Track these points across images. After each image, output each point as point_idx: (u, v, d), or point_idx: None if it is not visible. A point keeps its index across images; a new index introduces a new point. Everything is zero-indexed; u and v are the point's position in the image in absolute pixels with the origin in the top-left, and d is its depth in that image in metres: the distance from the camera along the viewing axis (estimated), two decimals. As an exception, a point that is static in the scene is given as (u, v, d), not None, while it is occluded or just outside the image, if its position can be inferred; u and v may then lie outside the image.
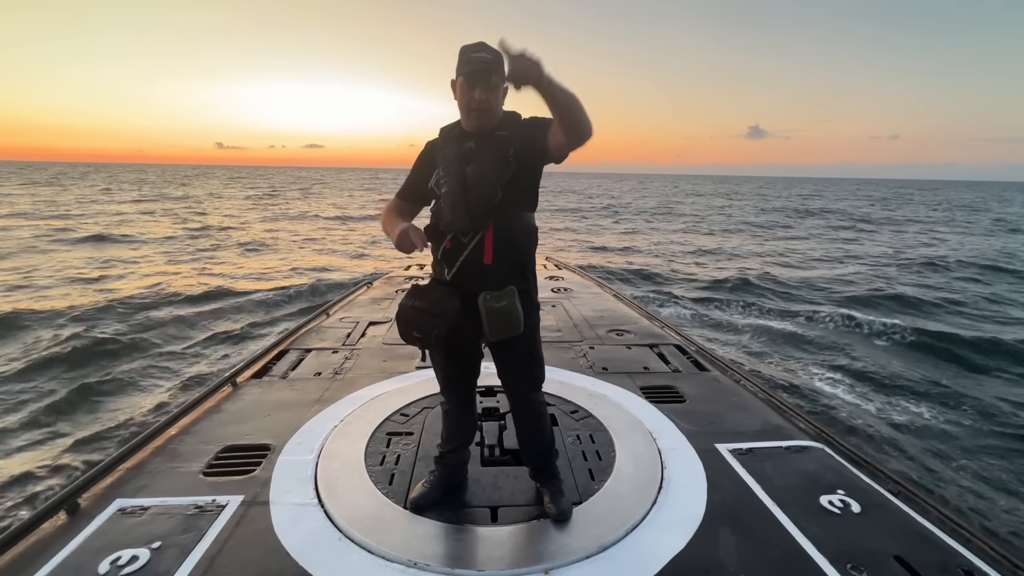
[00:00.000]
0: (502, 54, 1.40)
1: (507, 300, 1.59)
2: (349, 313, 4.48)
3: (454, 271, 1.66)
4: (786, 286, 11.61)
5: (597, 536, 1.69)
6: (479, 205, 1.59)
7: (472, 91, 1.57)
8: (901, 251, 17.50)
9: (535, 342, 1.79)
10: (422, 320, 1.62)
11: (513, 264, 1.67)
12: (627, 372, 3.12)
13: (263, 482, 1.98)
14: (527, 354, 1.77)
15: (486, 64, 1.53)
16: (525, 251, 1.71)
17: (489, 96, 1.58)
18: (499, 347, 1.73)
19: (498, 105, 1.63)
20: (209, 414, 2.56)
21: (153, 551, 1.61)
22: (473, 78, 1.55)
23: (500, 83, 1.58)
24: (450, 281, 1.67)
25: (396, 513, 1.81)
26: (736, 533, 1.72)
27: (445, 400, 1.89)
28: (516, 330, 1.62)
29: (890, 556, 1.62)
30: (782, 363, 6.71)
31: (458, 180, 1.61)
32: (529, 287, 1.72)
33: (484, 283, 1.61)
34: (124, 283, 10.46)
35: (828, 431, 2.41)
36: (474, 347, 1.79)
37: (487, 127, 1.64)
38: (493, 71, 1.54)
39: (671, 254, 16.63)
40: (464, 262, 1.64)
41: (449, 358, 1.79)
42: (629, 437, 2.33)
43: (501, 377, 1.82)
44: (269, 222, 23.14)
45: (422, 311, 1.63)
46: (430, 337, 1.62)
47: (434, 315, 1.61)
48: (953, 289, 11.62)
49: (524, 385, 1.82)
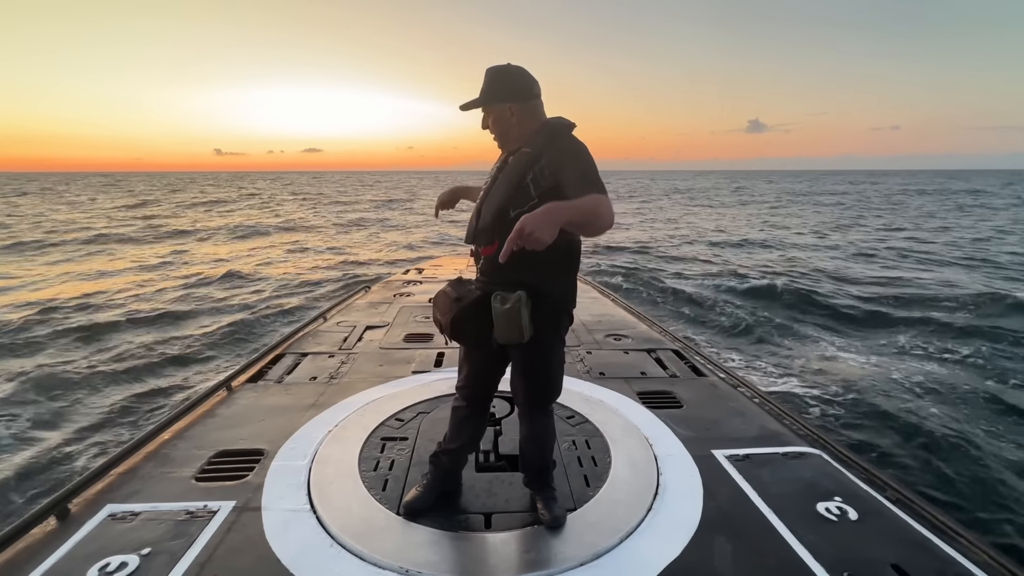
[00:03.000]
0: (499, 76, 1.61)
1: (512, 303, 1.56)
2: (346, 317, 4.47)
3: (478, 271, 1.75)
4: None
5: (591, 543, 1.67)
6: (484, 223, 1.64)
7: (485, 121, 1.70)
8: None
9: (552, 360, 1.74)
10: (444, 303, 1.71)
11: (525, 278, 1.60)
12: (624, 377, 3.11)
13: (256, 487, 1.96)
14: (537, 371, 1.73)
15: (474, 100, 1.66)
16: (541, 270, 1.61)
17: (491, 123, 1.68)
18: (514, 357, 1.75)
19: (505, 127, 1.67)
20: (203, 419, 2.54)
21: (143, 557, 1.59)
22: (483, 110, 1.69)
23: (494, 108, 1.65)
24: (478, 278, 1.75)
25: (389, 519, 1.79)
26: (732, 540, 1.70)
27: (458, 398, 1.88)
28: (520, 337, 1.58)
29: (887, 564, 1.60)
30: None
31: (482, 198, 1.71)
32: (550, 306, 1.64)
33: (498, 286, 1.62)
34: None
35: (826, 437, 2.39)
36: (490, 349, 1.73)
37: (511, 147, 1.69)
38: (483, 102, 1.65)
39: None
40: (483, 266, 1.72)
41: (468, 356, 1.81)
42: (625, 443, 2.31)
43: (511, 387, 1.81)
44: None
45: (447, 295, 1.72)
46: (445, 320, 1.68)
47: (453, 300, 1.68)
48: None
49: (530, 401, 1.79)
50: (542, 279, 1.62)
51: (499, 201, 1.61)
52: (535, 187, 1.56)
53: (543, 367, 1.74)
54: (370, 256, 15.44)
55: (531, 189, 1.57)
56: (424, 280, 6.15)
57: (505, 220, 1.58)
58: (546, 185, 1.55)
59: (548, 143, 1.59)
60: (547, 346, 1.70)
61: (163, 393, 5.61)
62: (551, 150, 1.56)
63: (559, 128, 1.63)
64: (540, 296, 1.61)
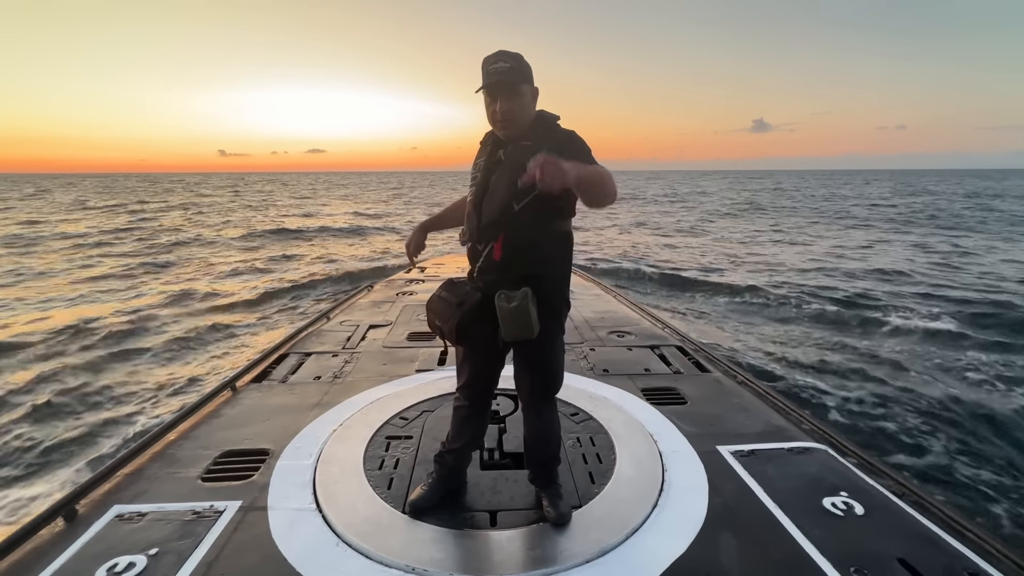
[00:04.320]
0: (521, 59, 1.51)
1: (519, 301, 1.56)
2: (349, 316, 4.47)
3: (475, 270, 1.71)
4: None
5: (597, 540, 1.67)
6: (488, 217, 1.62)
7: (494, 104, 1.59)
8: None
9: (554, 354, 1.76)
10: (444, 309, 1.68)
11: (531, 271, 1.63)
12: (628, 374, 3.11)
13: (261, 487, 1.97)
14: (542, 363, 1.75)
15: (503, 75, 1.55)
16: (545, 260, 1.65)
17: (512, 106, 1.60)
18: (517, 352, 1.75)
19: (523, 112, 1.63)
20: (208, 419, 2.55)
21: (150, 557, 1.60)
22: (493, 90, 1.57)
23: (521, 89, 1.59)
24: (475, 278, 1.72)
25: (394, 518, 1.79)
26: (738, 536, 1.70)
27: (459, 397, 1.88)
28: (530, 333, 1.60)
29: (894, 559, 1.60)
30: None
31: (480, 190, 1.68)
32: (552, 296, 1.67)
33: (500, 284, 1.61)
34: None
35: (831, 432, 2.39)
36: (494, 348, 1.76)
37: (515, 135, 1.65)
38: (512, 80, 1.56)
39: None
40: (483, 265, 1.68)
41: (470, 356, 1.80)
42: (630, 439, 2.31)
43: (516, 382, 1.81)
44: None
45: (445, 301, 1.69)
46: (448, 327, 1.65)
47: (454, 304, 1.65)
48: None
49: (535, 394, 1.80)
50: (545, 272, 1.65)
51: (503, 195, 1.60)
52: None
53: (547, 358, 1.76)
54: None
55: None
56: (427, 279, 6.15)
57: (509, 214, 1.59)
58: None
59: (545, 135, 1.62)
60: (550, 338, 1.72)
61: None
62: (550, 141, 1.58)
63: (552, 120, 1.67)
64: (543, 289, 1.63)
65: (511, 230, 1.61)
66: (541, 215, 1.61)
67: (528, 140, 1.62)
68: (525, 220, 1.60)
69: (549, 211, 1.62)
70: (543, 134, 1.64)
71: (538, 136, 1.63)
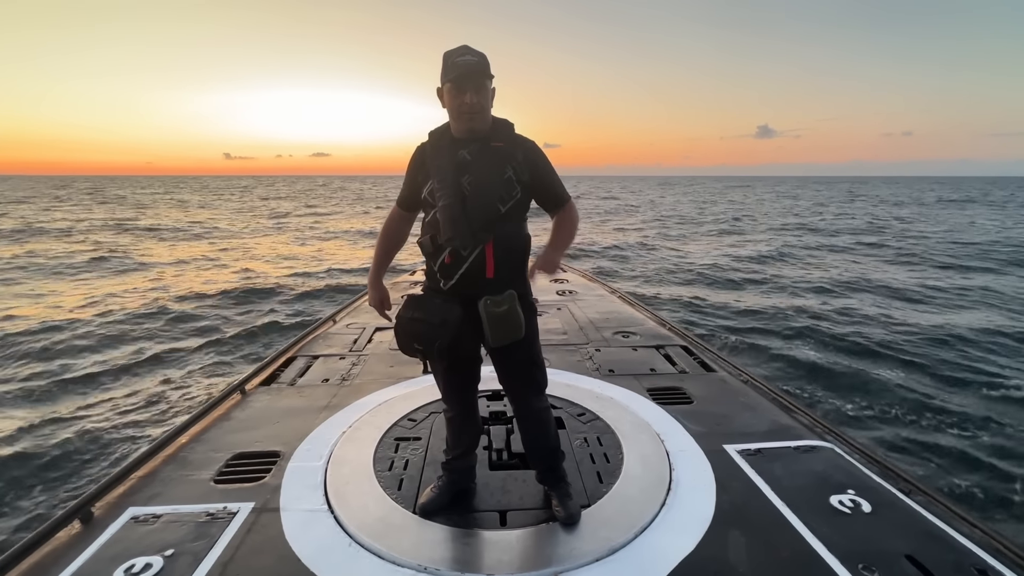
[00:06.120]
0: (484, 54, 1.57)
1: (508, 304, 1.59)
2: (355, 319, 4.50)
3: (453, 283, 1.64)
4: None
5: (606, 539, 1.69)
6: (479, 220, 1.58)
7: (463, 95, 1.56)
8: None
9: (536, 346, 1.79)
10: (423, 331, 1.62)
11: (513, 271, 1.68)
12: (634, 374, 3.12)
13: (273, 489, 1.99)
14: (528, 359, 1.77)
15: (472, 67, 1.54)
16: (523, 258, 1.72)
17: (480, 99, 1.58)
18: (500, 353, 1.73)
19: (489, 106, 1.63)
20: (219, 422, 2.58)
21: (166, 559, 1.62)
22: (461, 82, 1.55)
23: (487, 83, 1.59)
24: (448, 291, 1.66)
25: (405, 518, 1.82)
26: (746, 534, 1.71)
27: (448, 408, 1.90)
28: (518, 334, 1.63)
29: (902, 556, 1.60)
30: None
31: (455, 193, 1.59)
32: (527, 292, 1.73)
33: (484, 290, 1.60)
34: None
35: (837, 430, 2.40)
36: (475, 354, 1.79)
37: (481, 130, 1.63)
38: (481, 72, 1.55)
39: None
40: (464, 274, 1.62)
41: (450, 367, 1.78)
42: (637, 439, 2.33)
43: (503, 383, 1.82)
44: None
45: (422, 322, 1.62)
46: (433, 348, 1.61)
47: (435, 325, 1.60)
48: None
49: (527, 391, 1.82)
50: (519, 273, 1.71)
51: (491, 198, 1.60)
52: (517, 182, 1.63)
53: (533, 355, 1.78)
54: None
55: (514, 184, 1.62)
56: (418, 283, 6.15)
57: (497, 216, 1.61)
58: (524, 180, 1.64)
59: (512, 140, 1.66)
60: (532, 331, 1.75)
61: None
62: (522, 148, 1.65)
63: (510, 125, 1.70)
64: (524, 287, 1.71)
65: (500, 232, 1.62)
66: (520, 214, 1.68)
67: (498, 142, 1.64)
68: (511, 221, 1.64)
69: (520, 207, 1.67)
70: (511, 139, 1.66)
71: (507, 140, 1.65)
